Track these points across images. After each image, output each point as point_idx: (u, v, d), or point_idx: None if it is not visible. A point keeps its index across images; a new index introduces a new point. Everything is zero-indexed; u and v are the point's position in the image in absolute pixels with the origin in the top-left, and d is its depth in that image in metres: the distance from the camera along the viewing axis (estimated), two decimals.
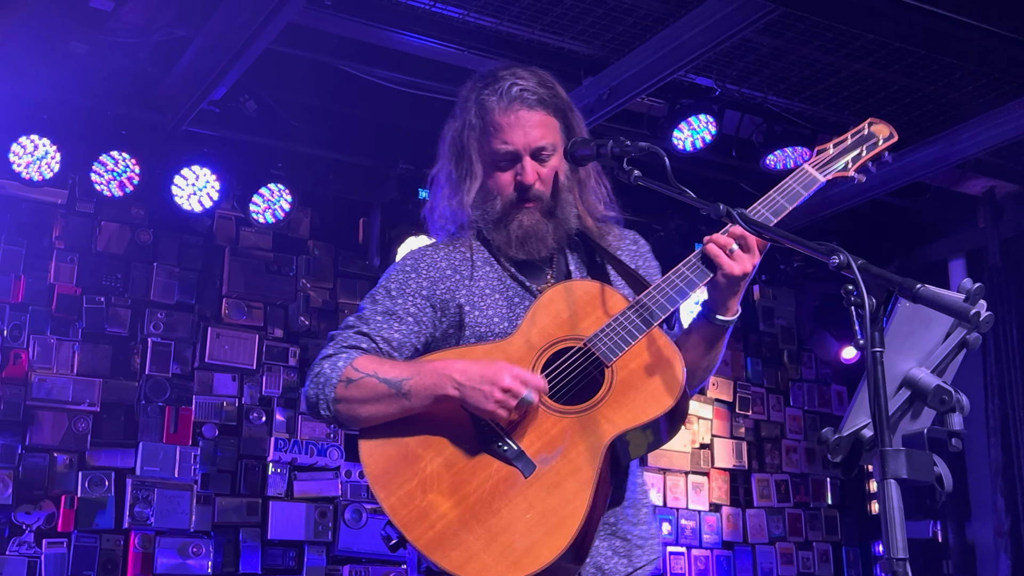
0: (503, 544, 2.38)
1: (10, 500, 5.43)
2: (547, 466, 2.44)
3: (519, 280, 2.73)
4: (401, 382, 2.50)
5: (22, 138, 5.33)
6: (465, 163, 2.75)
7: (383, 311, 2.69)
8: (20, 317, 5.68)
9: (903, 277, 1.99)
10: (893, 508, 1.89)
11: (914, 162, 6.21)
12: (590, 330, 2.54)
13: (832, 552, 7.80)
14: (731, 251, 2.53)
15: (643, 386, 2.49)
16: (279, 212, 6.01)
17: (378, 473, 2.50)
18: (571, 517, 2.38)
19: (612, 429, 2.45)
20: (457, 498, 2.44)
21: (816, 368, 8.12)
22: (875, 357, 1.93)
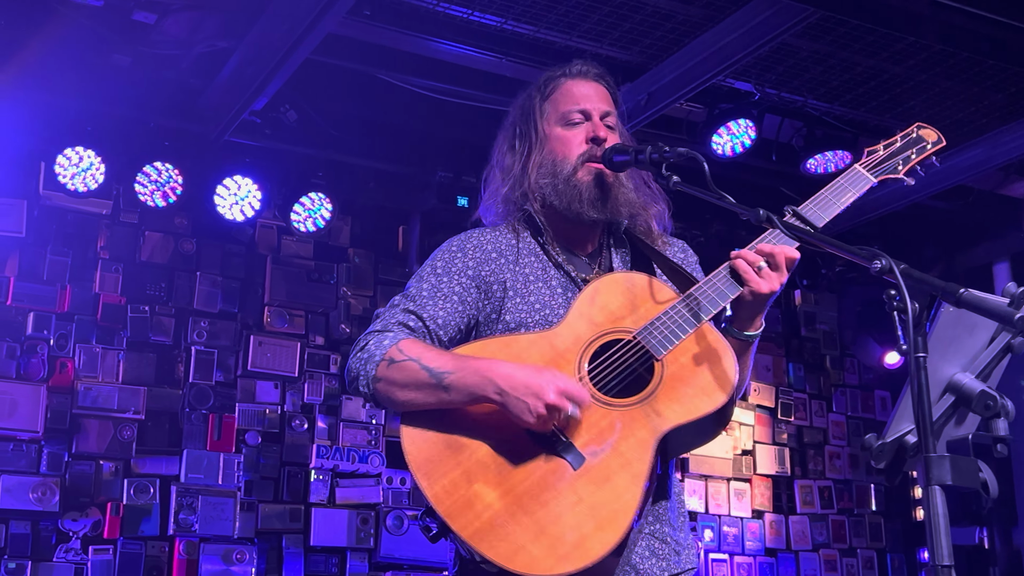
0: (552, 537, 2.31)
1: (57, 508, 5.50)
2: (597, 459, 2.38)
3: (565, 270, 2.71)
4: (443, 374, 2.43)
5: (67, 150, 5.41)
6: (532, 133, 2.78)
7: (430, 289, 2.65)
8: (66, 326, 5.76)
9: (946, 281, 1.97)
10: (938, 515, 1.88)
11: (957, 165, 6.15)
12: (639, 323, 2.50)
13: (877, 559, 7.72)
14: (759, 268, 2.50)
15: (695, 381, 2.45)
16: (320, 221, 6.06)
17: (421, 461, 2.43)
18: (623, 512, 2.33)
19: (664, 424, 2.41)
20: (504, 489, 2.37)
21: (859, 373, 8.05)
22: (918, 362, 1.91)
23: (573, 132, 2.75)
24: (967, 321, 2.09)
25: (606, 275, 2.64)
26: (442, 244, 2.77)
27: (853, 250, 2.12)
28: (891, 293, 1.96)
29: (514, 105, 2.90)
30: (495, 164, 2.87)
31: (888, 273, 1.99)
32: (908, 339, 1.92)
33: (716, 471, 7.25)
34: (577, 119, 2.76)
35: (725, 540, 7.18)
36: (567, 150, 2.73)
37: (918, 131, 2.79)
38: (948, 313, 2.09)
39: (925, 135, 2.79)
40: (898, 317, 1.95)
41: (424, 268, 2.72)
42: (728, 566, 7.14)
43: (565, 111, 2.76)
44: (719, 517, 7.22)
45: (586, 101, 2.77)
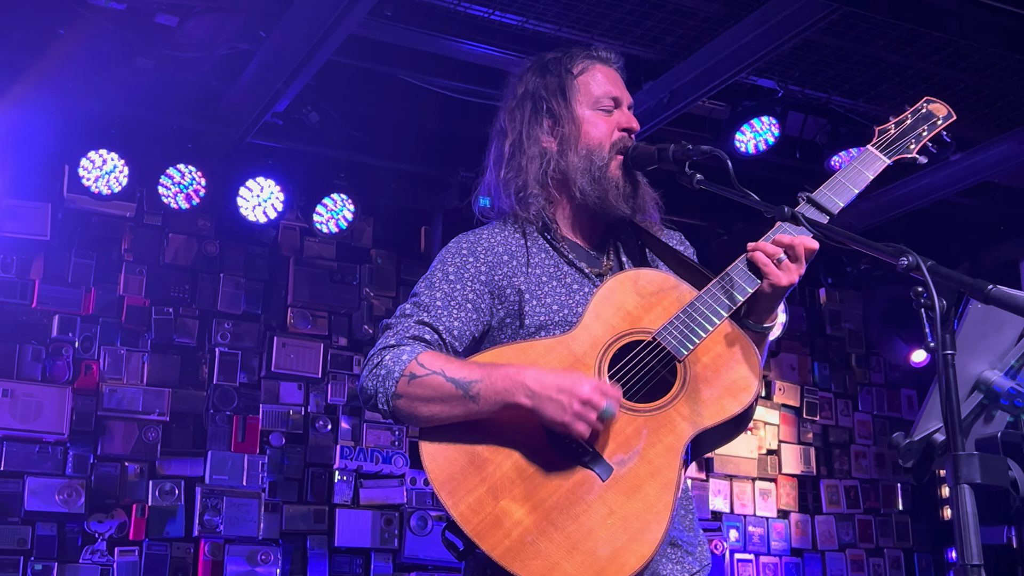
0: (585, 552, 2.26)
1: (83, 509, 5.52)
2: (624, 468, 2.31)
3: (577, 267, 2.63)
4: (470, 384, 2.34)
5: (91, 153, 5.44)
6: (566, 113, 2.67)
7: (443, 297, 2.55)
8: (91, 329, 5.79)
9: (973, 278, 1.95)
10: (967, 514, 1.85)
11: (983, 161, 6.10)
12: (657, 323, 2.43)
13: (904, 559, 7.67)
14: (779, 260, 2.45)
15: (719, 381, 2.39)
16: (342, 222, 6.07)
17: (444, 479, 2.34)
18: (655, 522, 2.28)
19: (691, 428, 2.35)
20: (532, 504, 2.30)
21: (885, 372, 8.00)
22: (946, 360, 1.89)
23: (607, 119, 2.69)
24: (995, 318, 2.07)
25: (620, 273, 2.56)
26: (449, 245, 2.67)
27: (879, 247, 2.09)
28: (918, 290, 1.94)
29: (532, 78, 2.77)
30: (521, 138, 2.71)
31: (915, 270, 1.97)
32: (936, 336, 1.90)
33: (741, 471, 7.22)
34: (608, 105, 2.70)
35: (751, 540, 7.15)
36: (602, 137, 2.66)
37: (927, 106, 2.70)
38: (976, 310, 2.07)
39: (935, 110, 2.70)
40: (925, 314, 1.93)
41: (434, 273, 2.61)
42: (754, 566, 7.10)
43: (599, 95, 2.70)
44: (744, 517, 7.18)
45: (617, 89, 2.73)
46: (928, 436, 2.10)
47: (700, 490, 7.06)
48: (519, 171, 2.69)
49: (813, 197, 2.41)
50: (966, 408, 2.12)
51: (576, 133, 2.67)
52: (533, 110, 2.71)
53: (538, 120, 2.70)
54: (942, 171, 6.29)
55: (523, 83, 2.77)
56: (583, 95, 2.70)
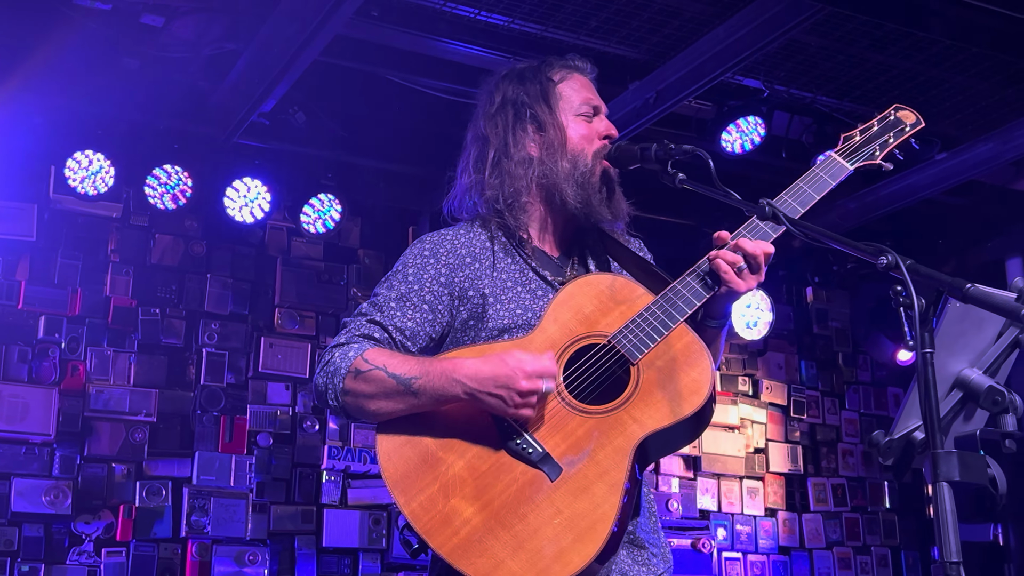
0: (531, 551, 2.29)
1: (69, 510, 5.52)
2: (574, 469, 2.35)
3: (540, 274, 2.66)
4: (411, 380, 2.40)
5: (77, 153, 5.43)
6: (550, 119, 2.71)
7: (398, 297, 2.59)
8: (77, 330, 5.78)
9: (954, 277, 1.96)
10: (946, 511, 1.87)
11: (968, 160, 6.12)
12: (613, 326, 2.46)
13: (891, 557, 7.69)
14: (739, 269, 2.47)
15: (671, 384, 2.40)
16: (329, 222, 6.07)
17: (397, 477, 2.41)
18: (600, 522, 2.30)
19: (640, 430, 2.37)
20: (481, 503, 2.35)
21: (872, 370, 8.03)
22: (925, 358, 1.90)
23: (588, 126, 2.73)
24: (974, 316, 2.08)
25: (580, 277, 2.59)
26: (412, 244, 2.72)
27: (859, 246, 2.10)
28: (897, 289, 1.95)
29: (509, 85, 2.79)
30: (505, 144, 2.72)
31: (894, 269, 1.98)
32: (915, 335, 1.91)
33: (729, 469, 7.23)
34: (588, 112, 2.75)
35: (738, 539, 7.17)
36: (585, 144, 2.70)
37: (896, 113, 2.72)
38: (955, 308, 2.08)
39: (903, 116, 2.72)
40: (905, 313, 1.94)
41: (395, 273, 2.66)
42: (742, 564, 7.12)
43: (580, 102, 2.75)
44: (732, 515, 7.20)
45: (594, 96, 2.79)
46: (908, 434, 2.11)
47: (688, 488, 7.08)
48: (506, 178, 2.70)
49: (774, 204, 2.41)
50: (945, 406, 2.14)
51: (562, 139, 2.70)
52: (516, 116, 2.73)
53: (522, 126, 2.72)
54: (927, 170, 6.31)
55: (500, 91, 2.79)
56: (565, 102, 2.74)
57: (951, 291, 1.94)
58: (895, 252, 2.01)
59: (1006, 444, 2.10)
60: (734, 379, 7.45)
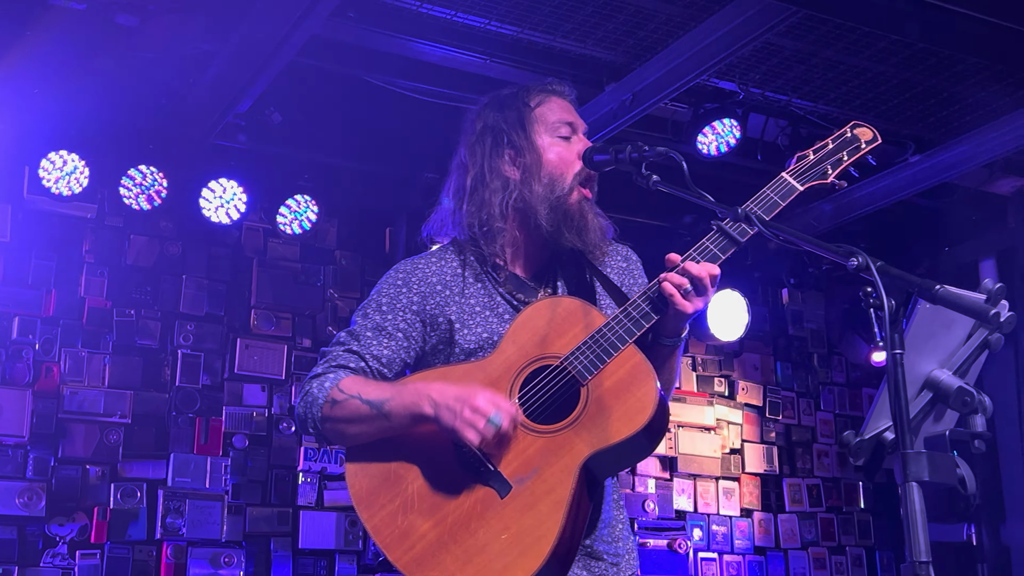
0: (479, 565, 2.42)
1: (43, 512, 5.48)
2: (523, 486, 2.46)
3: (508, 298, 2.75)
4: (382, 403, 2.53)
5: (51, 154, 5.40)
6: (526, 144, 2.76)
7: (373, 327, 2.71)
8: (51, 331, 5.74)
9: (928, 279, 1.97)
10: (915, 511, 1.88)
11: (942, 163, 6.16)
12: (567, 348, 2.54)
13: (866, 557, 7.74)
14: (685, 291, 2.52)
15: (617, 405, 2.48)
16: (306, 223, 6.05)
17: (363, 495, 2.56)
18: (544, 538, 2.40)
19: (586, 449, 2.45)
20: (436, 519, 2.48)
21: (847, 371, 8.07)
22: (895, 359, 1.92)
23: (567, 148, 2.77)
24: (944, 318, 2.10)
25: (538, 302, 2.67)
26: (388, 273, 2.82)
27: (830, 248, 2.12)
28: (868, 290, 1.97)
29: (490, 113, 2.85)
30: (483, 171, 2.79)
31: (864, 270, 2.00)
32: (885, 336, 1.93)
33: (705, 470, 7.26)
34: (566, 133, 2.80)
35: (714, 539, 7.19)
36: (565, 167, 2.75)
37: (852, 130, 2.75)
38: (925, 310, 2.10)
39: (860, 134, 2.75)
40: (875, 314, 1.96)
41: (370, 302, 2.77)
42: (717, 565, 7.14)
43: (555, 121, 2.79)
44: (708, 516, 7.23)
45: (572, 116, 2.83)
46: (878, 434, 2.13)
47: (664, 489, 7.10)
48: (482, 204, 2.77)
49: (723, 226, 2.50)
50: (915, 407, 2.15)
51: (538, 162, 2.75)
52: (494, 143, 2.80)
53: (499, 152, 2.79)
54: (902, 173, 6.35)
55: (481, 119, 2.86)
56: (541, 124, 2.79)
57: (921, 292, 1.96)
58: (865, 254, 2.02)
59: (975, 444, 2.12)
60: (710, 380, 7.47)
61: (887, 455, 2.12)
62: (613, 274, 2.86)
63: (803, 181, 2.68)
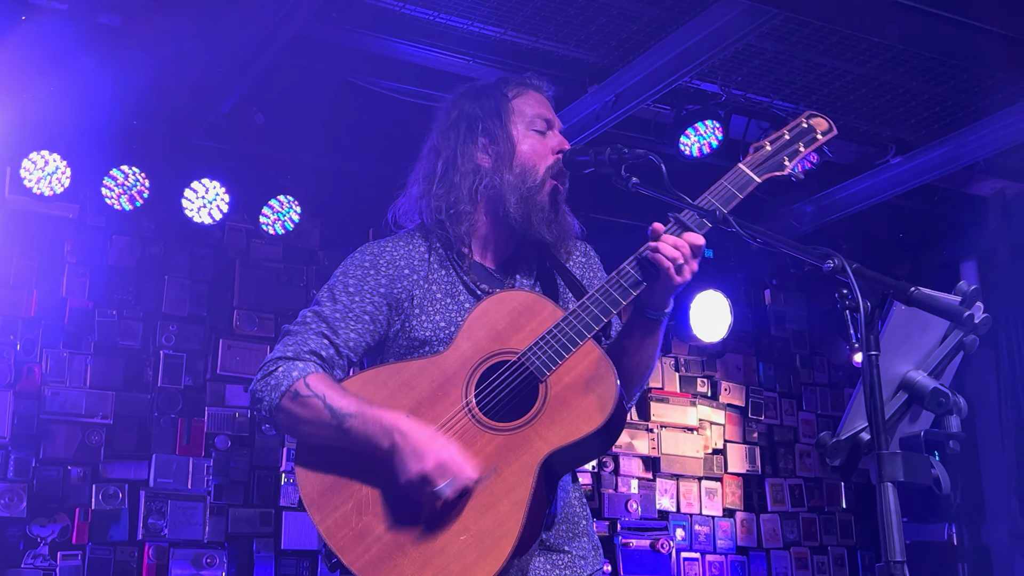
0: (437, 567, 2.38)
1: (24, 513, 5.46)
2: (481, 486, 2.41)
3: (472, 287, 2.73)
4: (344, 417, 2.47)
5: (32, 154, 5.38)
6: (502, 134, 2.74)
7: (342, 310, 2.65)
8: (33, 331, 5.72)
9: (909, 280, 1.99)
10: (890, 511, 1.90)
11: (923, 164, 6.20)
12: (524, 343, 2.51)
13: (847, 556, 7.77)
14: (679, 265, 2.51)
15: (576, 402, 2.45)
16: (289, 223, 6.05)
17: (315, 496, 2.50)
18: (504, 539, 2.37)
19: (545, 447, 2.43)
20: (392, 520, 2.43)
21: (828, 372, 8.10)
22: (870, 360, 1.94)
23: (541, 140, 2.77)
24: (919, 319, 2.12)
25: (494, 295, 2.63)
26: (353, 254, 2.76)
27: (806, 250, 2.14)
28: (844, 292, 1.98)
29: (466, 101, 2.84)
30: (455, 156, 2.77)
31: (840, 272, 2.02)
32: (860, 337, 1.94)
33: (687, 470, 7.28)
34: (541, 127, 2.79)
35: (697, 539, 7.21)
36: (537, 159, 2.74)
37: (808, 120, 2.71)
38: (900, 311, 2.11)
39: (815, 124, 2.71)
40: (850, 316, 1.97)
41: (336, 283, 2.71)
42: (700, 565, 7.16)
43: (532, 116, 2.79)
44: (691, 516, 7.25)
45: (549, 112, 2.83)
46: (854, 435, 2.15)
47: (647, 489, 7.12)
48: (451, 187, 2.75)
49: (680, 217, 2.52)
50: (891, 408, 2.17)
51: (511, 151, 2.74)
52: (468, 129, 2.78)
53: (473, 139, 2.77)
54: (883, 174, 6.39)
55: (456, 107, 2.84)
56: (517, 116, 2.78)
57: (896, 294, 1.98)
58: (841, 256, 2.04)
59: (950, 445, 2.13)
60: (693, 380, 7.50)
61: (863, 456, 2.14)
62: (575, 269, 2.84)
63: (760, 172, 2.64)
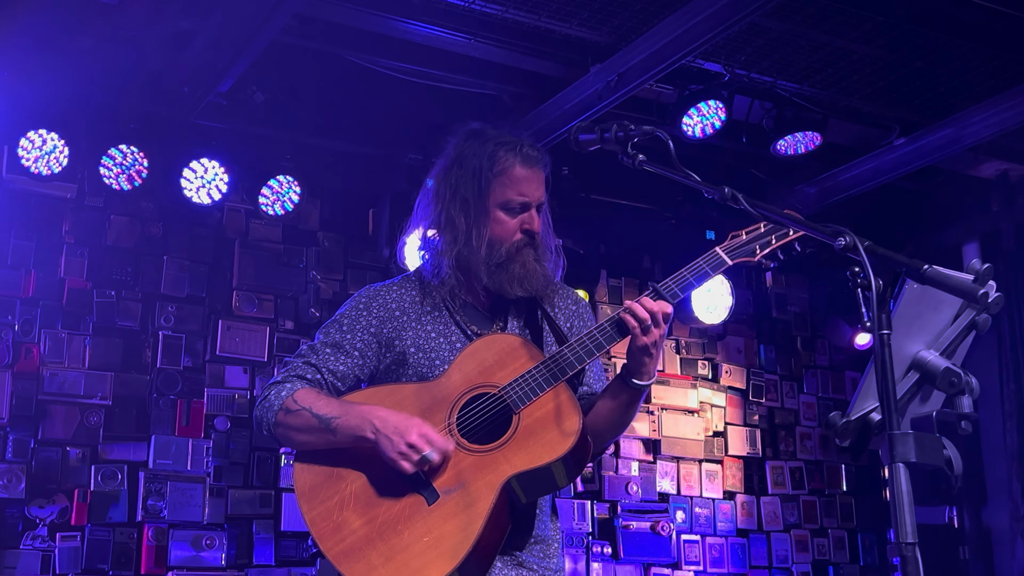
0: (399, 562, 2.72)
1: (23, 494, 5.44)
2: (449, 497, 2.76)
3: (463, 327, 3.03)
4: (330, 420, 2.82)
5: (30, 133, 5.33)
6: (478, 205, 2.98)
7: (333, 344, 3.01)
8: (31, 312, 5.69)
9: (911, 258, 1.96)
10: (902, 492, 1.87)
11: (926, 146, 6.16)
12: (506, 379, 2.84)
13: (848, 539, 7.76)
14: (644, 323, 2.79)
15: (542, 434, 2.77)
16: (288, 204, 6.01)
17: (306, 490, 2.86)
18: (461, 544, 2.69)
19: (510, 469, 2.75)
20: (368, 517, 2.78)
21: (830, 355, 8.08)
22: (882, 339, 1.91)
23: (512, 220, 3.00)
24: (932, 298, 2.09)
25: (486, 336, 2.98)
26: (354, 295, 3.13)
27: (817, 227, 2.11)
28: (855, 270, 1.95)
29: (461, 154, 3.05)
30: (440, 218, 3.04)
31: (852, 250, 1.99)
32: (872, 316, 1.91)
33: (688, 453, 7.26)
34: (515, 207, 3.00)
35: (697, 521, 7.20)
36: (504, 235, 2.99)
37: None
38: (912, 290, 2.08)
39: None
40: (862, 294, 1.95)
41: (332, 322, 3.07)
42: (700, 547, 7.15)
43: (509, 198, 2.98)
44: (691, 498, 7.23)
45: (529, 191, 3.00)
46: (865, 415, 2.12)
47: (647, 472, 7.10)
48: (438, 252, 3.06)
49: (658, 287, 2.84)
50: (902, 388, 2.14)
51: (484, 226, 2.99)
52: (452, 195, 3.03)
53: (455, 205, 3.02)
54: (886, 156, 6.35)
55: (456, 153, 3.07)
56: (496, 194, 2.99)
57: (909, 272, 1.95)
58: (853, 233, 2.01)
59: (962, 426, 2.11)
60: (694, 363, 7.47)
61: (873, 436, 2.11)
62: (562, 315, 3.13)
63: (732, 256, 2.94)
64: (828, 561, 7.63)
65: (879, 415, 2.05)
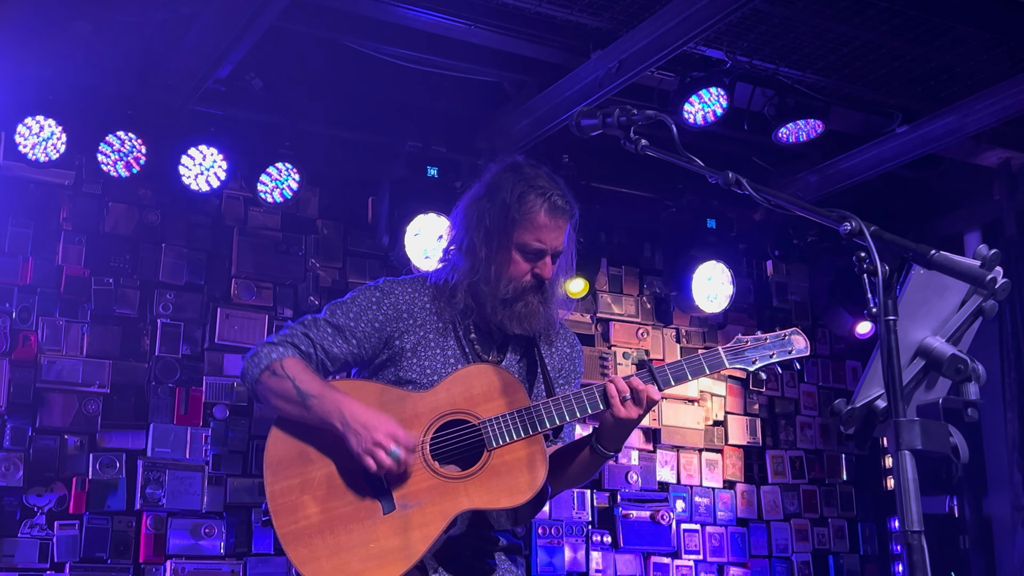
0: (342, 560, 2.79)
1: (21, 483, 5.42)
2: (404, 511, 2.83)
3: (464, 341, 3.10)
4: (307, 396, 2.87)
5: (28, 119, 5.30)
6: (500, 241, 3.04)
7: (335, 326, 3.05)
8: (29, 299, 5.66)
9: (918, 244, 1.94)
10: (908, 480, 1.85)
11: (928, 133, 6.13)
12: (488, 413, 2.90)
13: (848, 528, 7.75)
14: (624, 399, 2.88)
15: (508, 478, 2.85)
16: (287, 191, 5.97)
17: (274, 461, 2.91)
18: (402, 561, 2.78)
19: (467, 503, 2.84)
20: (325, 507, 2.84)
21: (830, 344, 8.06)
22: (888, 325, 1.89)
23: (523, 263, 3.06)
24: (938, 284, 2.06)
25: (481, 364, 3.05)
26: (369, 285, 3.16)
27: (822, 212, 2.08)
28: (861, 255, 1.93)
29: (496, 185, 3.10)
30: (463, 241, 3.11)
31: (858, 235, 1.96)
32: (878, 302, 1.89)
33: (688, 442, 7.24)
34: (532, 252, 3.05)
35: (697, 510, 7.18)
36: (515, 274, 3.05)
37: (790, 335, 3.11)
38: (919, 276, 2.06)
39: (795, 340, 3.11)
40: (868, 279, 1.92)
41: (345, 302, 3.11)
42: (700, 536, 7.14)
43: (527, 242, 3.04)
44: (691, 488, 7.22)
45: (548, 239, 3.05)
46: (870, 403, 2.09)
47: (647, 461, 7.08)
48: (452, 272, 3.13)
49: (654, 370, 2.92)
50: (908, 374, 2.12)
51: (499, 262, 3.05)
52: (478, 223, 3.09)
53: (479, 235, 3.08)
54: (888, 143, 6.32)
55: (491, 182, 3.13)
56: (517, 234, 3.04)
57: (916, 257, 1.92)
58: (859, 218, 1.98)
59: (968, 413, 2.08)
60: (694, 351, 7.43)
61: (878, 423, 2.09)
62: (557, 355, 3.21)
63: (731, 362, 3.03)
64: (828, 550, 7.61)
65: (884, 402, 2.03)
